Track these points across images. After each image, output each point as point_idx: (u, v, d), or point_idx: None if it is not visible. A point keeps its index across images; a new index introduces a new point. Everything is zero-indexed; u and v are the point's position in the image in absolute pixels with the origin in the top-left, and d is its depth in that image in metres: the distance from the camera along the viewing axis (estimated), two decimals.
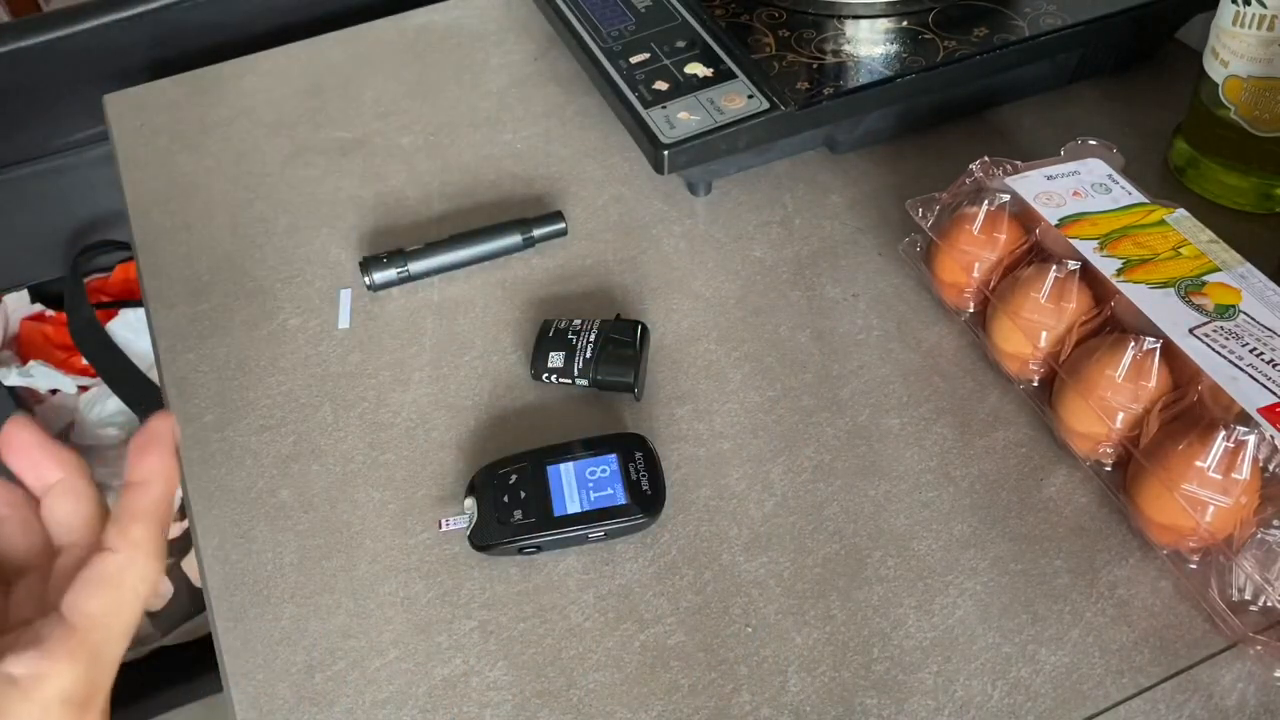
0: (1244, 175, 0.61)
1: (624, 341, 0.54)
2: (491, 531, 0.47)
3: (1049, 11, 0.65)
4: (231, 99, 0.76)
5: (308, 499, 0.51)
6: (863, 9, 0.66)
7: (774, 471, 0.51)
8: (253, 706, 0.44)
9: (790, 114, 0.60)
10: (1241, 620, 0.43)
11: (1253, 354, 0.46)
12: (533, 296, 0.60)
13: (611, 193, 0.67)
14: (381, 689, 0.45)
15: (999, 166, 0.57)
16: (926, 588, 0.46)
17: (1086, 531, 0.48)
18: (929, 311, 0.58)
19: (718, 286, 0.60)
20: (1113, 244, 0.52)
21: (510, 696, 0.44)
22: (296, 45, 0.81)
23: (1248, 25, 0.56)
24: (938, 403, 0.54)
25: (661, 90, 0.62)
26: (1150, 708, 0.42)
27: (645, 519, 0.48)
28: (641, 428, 0.53)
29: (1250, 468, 0.43)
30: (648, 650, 0.45)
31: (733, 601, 0.46)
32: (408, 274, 0.60)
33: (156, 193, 0.69)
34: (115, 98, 0.77)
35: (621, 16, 0.69)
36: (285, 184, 0.69)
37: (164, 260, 0.65)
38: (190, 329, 0.60)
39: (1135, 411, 0.47)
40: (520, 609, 0.47)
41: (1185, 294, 0.49)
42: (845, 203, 0.65)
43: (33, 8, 1.78)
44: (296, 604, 0.48)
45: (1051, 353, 0.51)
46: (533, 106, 0.73)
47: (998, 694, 0.43)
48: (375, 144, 0.72)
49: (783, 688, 0.44)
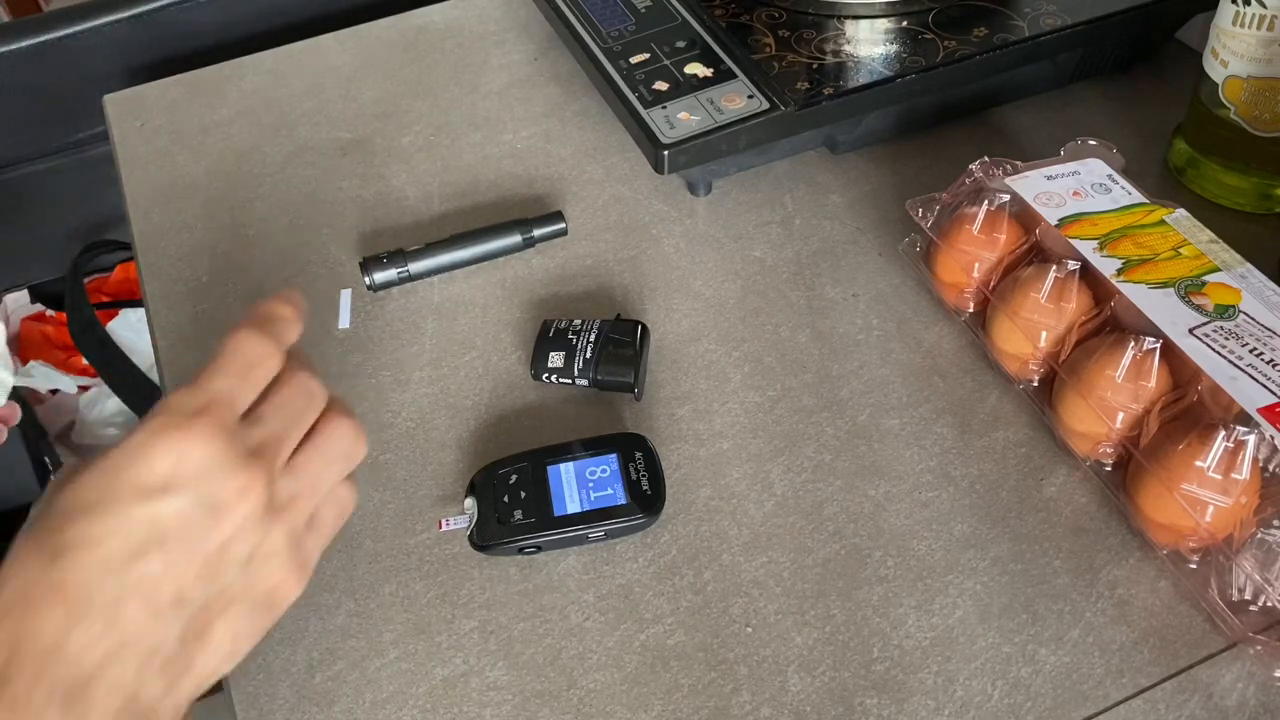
0: (1244, 175, 0.61)
1: (624, 341, 0.54)
2: (491, 531, 0.47)
3: (1049, 11, 0.65)
4: (231, 99, 0.76)
5: None
6: (863, 9, 0.66)
7: (774, 471, 0.51)
8: (253, 706, 0.44)
9: (790, 114, 0.60)
10: (1241, 620, 0.43)
11: (1253, 354, 0.46)
12: (533, 296, 0.60)
13: (611, 193, 0.67)
14: (381, 689, 0.45)
15: (999, 166, 0.57)
16: (926, 588, 0.47)
17: (1086, 531, 0.48)
18: (929, 311, 0.58)
19: (718, 286, 0.60)
20: (1113, 244, 0.52)
21: (510, 696, 0.44)
22: (296, 45, 0.81)
23: (1248, 25, 0.56)
24: (938, 403, 0.54)
25: (661, 90, 0.62)
26: (1150, 708, 0.42)
27: (645, 519, 0.48)
28: (641, 428, 0.53)
29: (1250, 468, 0.43)
30: (648, 650, 0.45)
31: (733, 601, 0.46)
32: (408, 274, 0.60)
33: (156, 193, 0.69)
34: (115, 98, 0.77)
35: (621, 16, 0.69)
36: (285, 184, 0.69)
37: (164, 260, 0.65)
38: (190, 329, 0.60)
39: (1135, 411, 0.47)
40: (520, 609, 0.47)
41: (1185, 294, 0.49)
42: (845, 203, 0.65)
43: (33, 8, 1.78)
44: (296, 604, 0.47)
45: (1051, 353, 0.51)
46: (533, 106, 0.73)
47: (998, 694, 0.43)
48: (375, 144, 0.72)
49: (783, 688, 0.44)
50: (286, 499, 0.36)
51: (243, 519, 0.35)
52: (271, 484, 0.36)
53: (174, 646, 0.34)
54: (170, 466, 0.33)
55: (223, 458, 0.34)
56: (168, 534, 0.33)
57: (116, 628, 0.33)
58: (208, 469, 0.34)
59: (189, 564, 0.34)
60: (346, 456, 0.39)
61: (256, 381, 0.37)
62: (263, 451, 0.36)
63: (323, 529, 0.39)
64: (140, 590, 0.33)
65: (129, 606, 0.33)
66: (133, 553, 0.33)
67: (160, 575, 0.33)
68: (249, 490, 0.35)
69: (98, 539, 0.33)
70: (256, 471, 0.35)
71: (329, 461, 0.38)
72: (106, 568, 0.33)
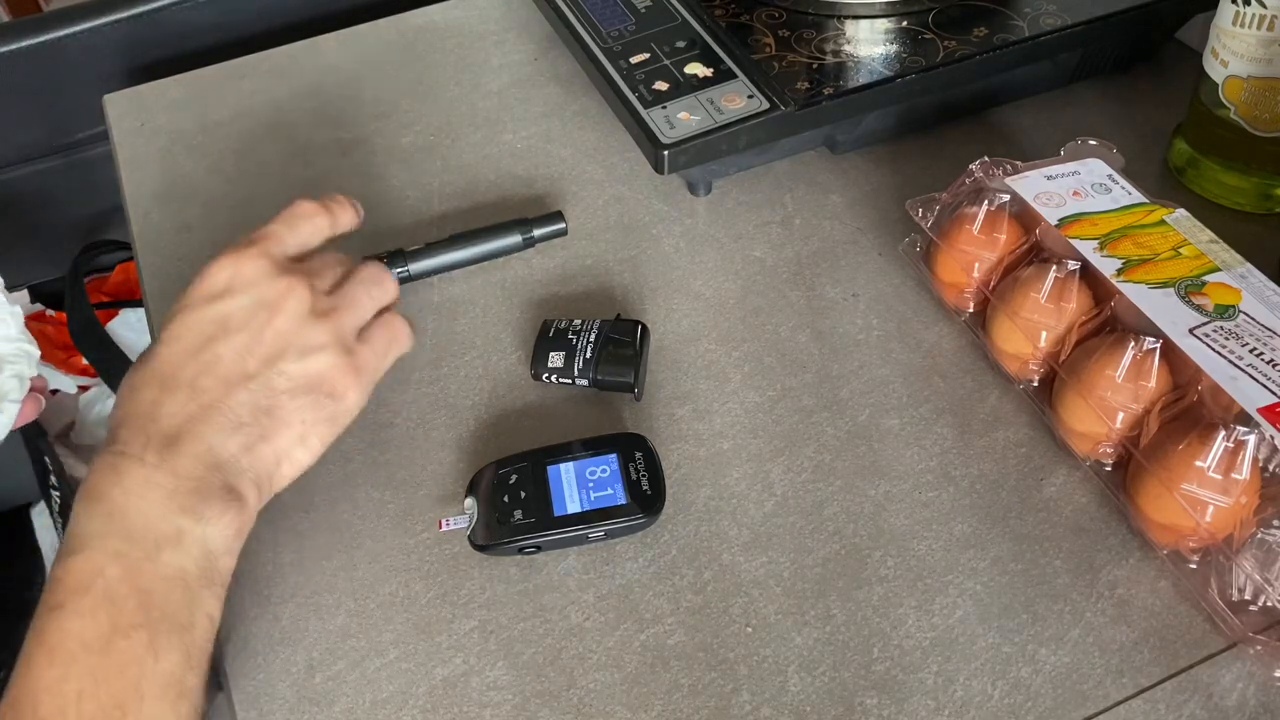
0: (1244, 175, 0.61)
1: (624, 341, 0.54)
2: (491, 531, 0.47)
3: (1049, 11, 0.65)
4: (231, 99, 0.76)
5: (308, 499, 0.51)
6: (863, 9, 0.66)
7: (774, 471, 0.51)
8: (253, 706, 0.44)
9: (790, 114, 0.60)
10: (1241, 620, 0.43)
11: (1253, 354, 0.46)
12: (533, 296, 0.60)
13: (611, 193, 0.67)
14: (381, 689, 0.45)
15: (999, 166, 0.57)
16: (926, 588, 0.47)
17: (1086, 531, 0.48)
18: (929, 311, 0.58)
19: (718, 286, 0.60)
20: (1113, 244, 0.52)
21: (510, 696, 0.44)
22: (296, 45, 0.81)
23: (1248, 25, 0.56)
24: (938, 403, 0.54)
25: (661, 90, 0.62)
26: (1150, 708, 0.42)
27: (645, 519, 0.48)
28: (641, 428, 0.53)
29: (1250, 468, 0.43)
30: (648, 650, 0.45)
31: (733, 601, 0.46)
32: (408, 274, 0.60)
33: (156, 193, 0.69)
34: (115, 98, 0.77)
35: (621, 16, 0.69)
36: (285, 184, 0.69)
37: (164, 260, 0.65)
38: None
39: (1135, 411, 0.47)
40: (520, 609, 0.47)
41: (1185, 294, 0.49)
42: (845, 203, 0.65)
43: (33, 8, 1.78)
44: (296, 604, 0.48)
45: (1051, 353, 0.51)
46: (533, 106, 0.73)
47: (998, 694, 0.43)
48: (375, 144, 0.72)
49: (783, 688, 0.44)
50: (328, 308, 0.46)
51: (291, 313, 0.44)
52: (312, 291, 0.45)
53: (247, 413, 0.43)
54: (228, 278, 0.45)
55: (269, 269, 0.45)
56: (230, 325, 0.44)
57: (196, 397, 0.42)
58: (258, 277, 0.45)
59: (251, 348, 0.44)
60: (379, 300, 0.49)
61: (301, 231, 0.48)
62: (305, 271, 0.46)
63: (374, 343, 0.48)
64: (215, 368, 0.43)
65: (205, 380, 0.43)
66: (207, 339, 0.43)
67: (230, 356, 0.43)
68: (292, 290, 0.45)
69: (178, 335, 0.44)
70: (298, 278, 0.45)
71: (367, 291, 0.48)
72: (187, 353, 0.43)
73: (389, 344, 0.48)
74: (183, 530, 0.40)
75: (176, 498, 0.40)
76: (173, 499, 0.40)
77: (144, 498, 0.40)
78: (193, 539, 0.41)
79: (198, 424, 0.42)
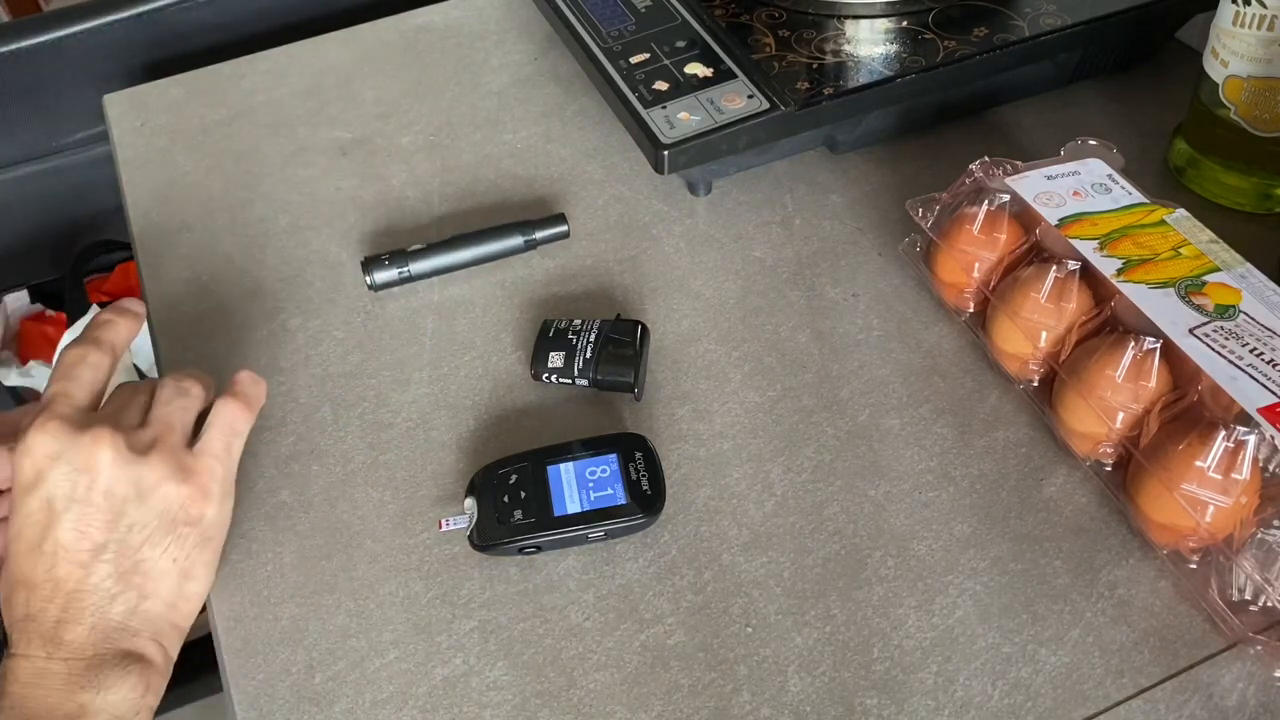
0: (1244, 175, 0.61)
1: (624, 341, 0.54)
2: (491, 531, 0.47)
3: (1049, 11, 0.65)
4: (231, 99, 0.76)
5: (308, 499, 0.51)
6: (863, 9, 0.66)
7: (774, 471, 0.51)
8: (253, 706, 0.44)
9: (790, 114, 0.60)
10: (1241, 620, 0.43)
11: (1253, 354, 0.46)
12: (533, 296, 0.60)
13: (611, 193, 0.67)
14: (381, 689, 0.45)
15: (999, 166, 0.57)
16: (926, 588, 0.47)
17: (1086, 531, 0.48)
18: (929, 311, 0.58)
19: (718, 286, 0.60)
20: (1113, 244, 0.52)
21: (510, 696, 0.44)
22: (296, 45, 0.81)
23: (1248, 25, 0.56)
24: (938, 403, 0.54)
25: (661, 90, 0.62)
26: (1150, 708, 0.42)
27: (645, 519, 0.48)
28: (641, 428, 0.53)
29: (1250, 468, 0.43)
30: (648, 650, 0.45)
31: (733, 601, 0.46)
32: (408, 274, 0.60)
33: (156, 193, 0.69)
34: (115, 98, 0.77)
35: (621, 16, 0.69)
36: (285, 184, 0.69)
37: (164, 260, 0.65)
38: (190, 329, 0.60)
39: (1135, 411, 0.47)
40: (520, 609, 0.47)
41: (1185, 294, 0.49)
42: (845, 203, 0.65)
43: (33, 8, 1.78)
44: (296, 604, 0.48)
45: (1051, 353, 0.51)
46: (533, 106, 0.73)
47: (998, 694, 0.43)
48: (375, 144, 0.72)
49: (783, 688, 0.44)
50: (148, 440, 0.44)
51: (109, 465, 0.42)
52: (122, 433, 0.43)
53: (114, 583, 0.43)
54: (33, 461, 0.42)
55: (68, 431, 0.43)
56: (56, 507, 0.42)
57: (60, 588, 0.42)
58: (60, 446, 0.42)
59: (88, 519, 0.42)
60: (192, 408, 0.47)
61: (83, 378, 0.46)
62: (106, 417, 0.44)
63: (211, 444, 0.46)
64: (63, 555, 0.42)
65: (59, 570, 0.42)
66: (43, 529, 0.42)
67: (71, 538, 0.42)
68: (98, 442, 0.42)
69: (18, 533, 0.43)
70: (101, 427, 0.43)
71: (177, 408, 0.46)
72: (32, 550, 0.42)
73: (228, 435, 0.47)
74: (85, 705, 0.41)
75: (74, 678, 0.41)
76: (70, 680, 0.41)
77: (41, 686, 0.41)
78: (95, 709, 0.42)
79: (72, 611, 0.42)
